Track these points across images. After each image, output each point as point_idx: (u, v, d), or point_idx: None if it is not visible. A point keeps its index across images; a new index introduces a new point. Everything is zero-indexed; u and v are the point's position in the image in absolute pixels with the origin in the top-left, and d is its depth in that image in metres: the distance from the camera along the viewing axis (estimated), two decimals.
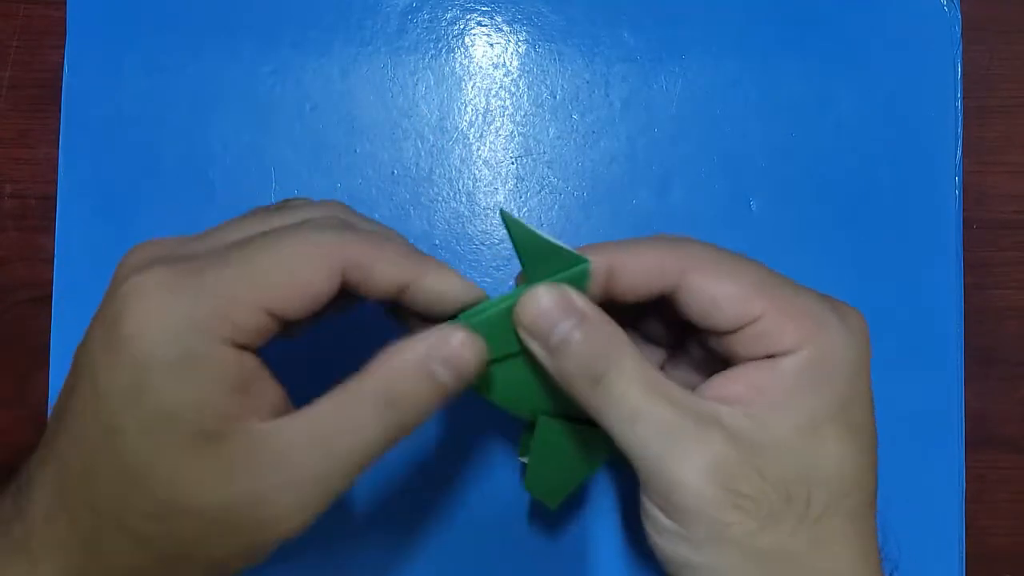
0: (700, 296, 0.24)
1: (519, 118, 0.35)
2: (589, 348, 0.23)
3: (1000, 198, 0.36)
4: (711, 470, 0.22)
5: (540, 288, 0.24)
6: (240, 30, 0.35)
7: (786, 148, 0.35)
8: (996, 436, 0.36)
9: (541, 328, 0.24)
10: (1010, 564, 0.36)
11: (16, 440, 0.35)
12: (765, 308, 0.23)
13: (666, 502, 0.22)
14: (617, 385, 0.23)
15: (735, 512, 0.22)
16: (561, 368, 0.24)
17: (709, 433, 0.22)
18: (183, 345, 0.21)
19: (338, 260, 0.22)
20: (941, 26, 0.36)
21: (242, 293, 0.21)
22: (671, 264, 0.24)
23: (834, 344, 0.23)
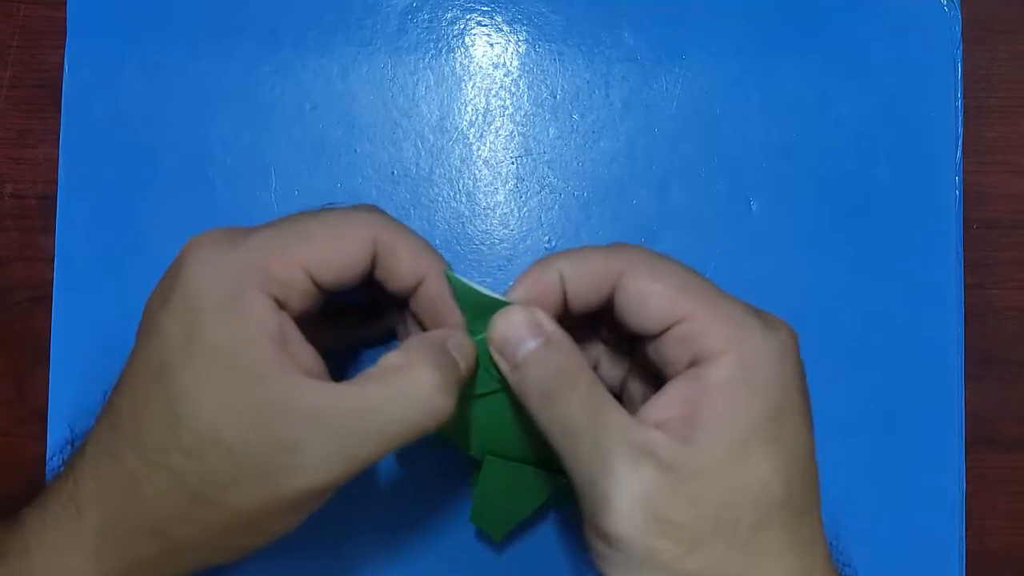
0: (632, 296, 0.25)
1: (519, 118, 0.35)
2: (548, 366, 0.24)
3: (1000, 198, 0.36)
4: (641, 499, 0.22)
5: (514, 308, 0.25)
6: (240, 30, 0.35)
7: (786, 148, 0.35)
8: (996, 436, 0.36)
9: (509, 343, 0.25)
10: (1010, 564, 0.36)
11: (16, 440, 0.35)
12: (692, 309, 0.24)
13: (599, 528, 0.23)
14: (567, 403, 0.24)
15: (662, 539, 0.22)
16: (520, 383, 0.25)
17: (643, 461, 0.23)
18: (226, 291, 0.23)
19: (370, 234, 0.25)
20: (941, 26, 0.36)
21: (282, 249, 0.24)
22: (610, 268, 0.25)
23: (759, 350, 0.23)
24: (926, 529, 0.34)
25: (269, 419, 0.22)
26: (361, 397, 0.23)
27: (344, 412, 0.23)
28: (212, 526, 0.23)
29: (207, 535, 0.23)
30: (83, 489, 0.24)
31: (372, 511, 0.33)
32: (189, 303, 0.23)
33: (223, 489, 0.22)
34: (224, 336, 0.22)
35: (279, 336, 0.23)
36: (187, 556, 0.24)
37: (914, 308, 0.35)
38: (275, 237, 0.24)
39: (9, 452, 0.35)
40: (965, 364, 0.35)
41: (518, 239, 0.35)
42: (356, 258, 0.25)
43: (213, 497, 0.23)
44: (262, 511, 0.23)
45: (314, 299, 0.25)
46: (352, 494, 0.33)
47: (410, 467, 0.34)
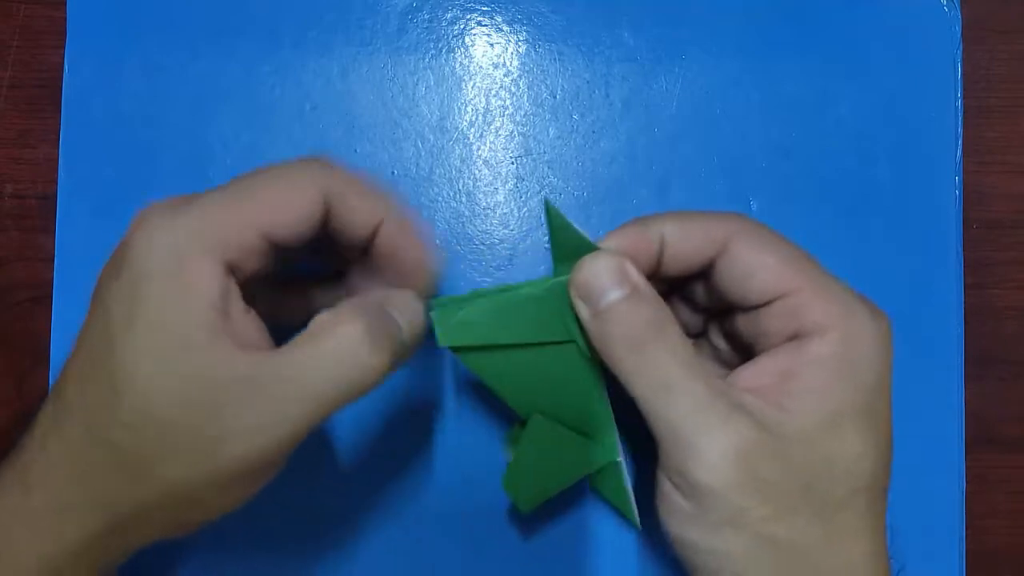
0: (739, 265, 0.24)
1: (519, 118, 0.35)
2: (637, 317, 0.24)
3: (1000, 198, 0.36)
4: (736, 452, 0.22)
5: (601, 253, 0.24)
6: (240, 30, 0.35)
7: (786, 148, 0.35)
8: (996, 436, 0.36)
9: (594, 289, 0.24)
10: (1010, 564, 0.36)
11: (16, 440, 0.35)
12: (800, 284, 0.24)
13: (684, 480, 0.23)
14: (658, 355, 0.23)
15: (754, 497, 0.22)
16: (604, 332, 0.24)
17: (738, 416, 0.22)
18: (173, 258, 0.22)
19: (320, 184, 0.24)
20: (941, 26, 0.36)
21: (232, 210, 0.23)
22: (717, 233, 0.25)
23: (862, 332, 0.24)
24: (926, 529, 0.34)
25: (200, 392, 0.22)
26: (290, 360, 0.23)
27: (273, 377, 0.22)
28: (152, 501, 0.23)
29: (150, 511, 0.23)
30: (30, 467, 0.24)
31: (364, 503, 0.34)
32: (134, 272, 0.23)
33: (158, 464, 0.22)
34: (165, 305, 0.22)
35: (220, 305, 0.23)
36: (136, 532, 0.24)
37: (914, 308, 0.35)
38: (223, 199, 0.23)
39: (9, 452, 0.35)
40: (965, 364, 0.35)
41: (518, 239, 0.35)
42: (308, 210, 0.24)
43: (149, 472, 0.22)
44: (200, 484, 0.22)
45: (268, 258, 0.24)
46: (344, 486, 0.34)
47: (395, 459, 0.34)
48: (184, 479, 0.22)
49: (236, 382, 0.22)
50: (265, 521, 0.33)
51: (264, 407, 0.22)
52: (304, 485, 0.33)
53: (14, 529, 0.23)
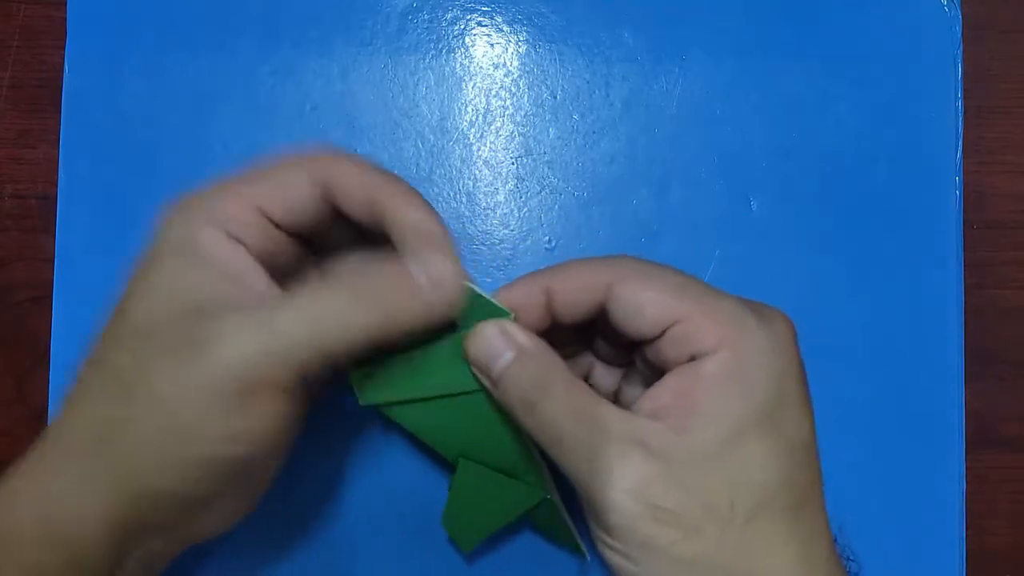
0: (626, 304, 0.25)
1: (519, 118, 0.35)
2: (524, 377, 0.25)
3: (1000, 198, 0.36)
4: (631, 488, 0.23)
5: (485, 324, 0.25)
6: (240, 30, 0.35)
7: (786, 148, 0.35)
8: (996, 436, 0.36)
9: (486, 358, 0.25)
10: (1010, 564, 0.36)
11: (16, 440, 0.35)
12: (687, 311, 0.24)
13: (598, 521, 0.24)
14: (549, 410, 0.24)
15: (656, 525, 0.23)
16: (502, 397, 0.25)
17: (630, 454, 0.23)
18: (181, 232, 0.25)
19: (317, 167, 0.26)
20: (941, 26, 0.36)
21: (232, 188, 0.25)
22: (599, 279, 0.25)
23: (754, 346, 0.24)
24: (926, 529, 0.34)
25: (200, 314, 0.23)
26: (290, 297, 0.24)
27: (268, 300, 0.24)
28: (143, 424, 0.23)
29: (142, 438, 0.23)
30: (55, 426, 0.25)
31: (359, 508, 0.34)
32: (151, 252, 0.25)
33: (149, 375, 0.23)
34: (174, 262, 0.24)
35: (227, 260, 0.24)
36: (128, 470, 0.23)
37: (914, 308, 0.35)
38: (226, 183, 0.26)
39: (9, 452, 0.34)
40: (965, 364, 0.35)
41: (518, 239, 0.35)
42: (305, 192, 0.25)
43: (141, 385, 0.23)
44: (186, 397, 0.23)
45: (276, 239, 0.26)
46: (340, 485, 0.34)
47: (395, 463, 0.34)
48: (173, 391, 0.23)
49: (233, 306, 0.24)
50: (261, 524, 0.33)
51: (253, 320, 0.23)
52: (295, 489, 0.33)
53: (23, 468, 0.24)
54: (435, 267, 0.25)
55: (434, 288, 0.25)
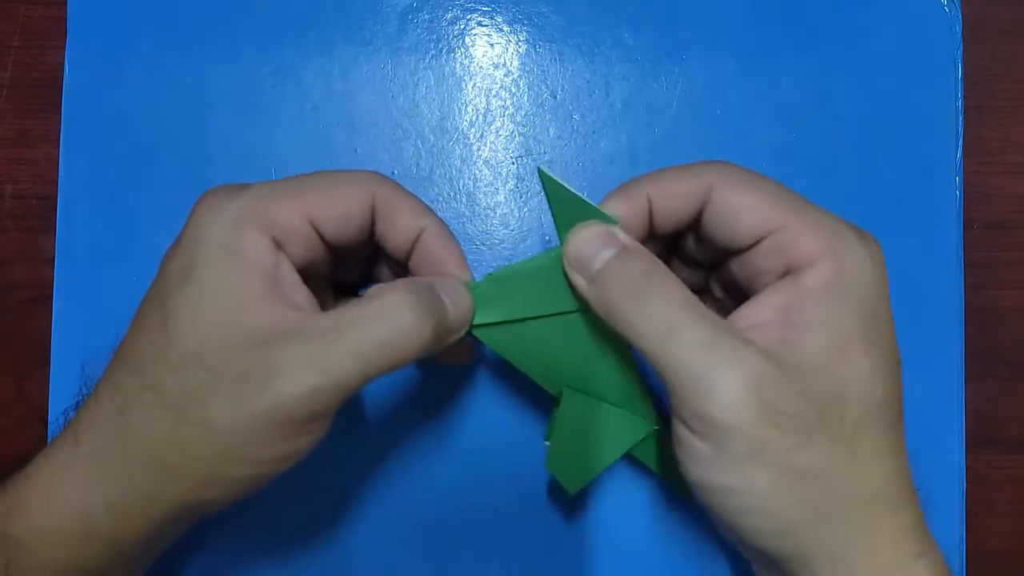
0: (724, 210, 0.25)
1: (519, 118, 0.35)
2: (630, 271, 0.24)
3: (1000, 198, 0.36)
4: (749, 386, 0.22)
5: (583, 226, 0.25)
6: (240, 30, 0.35)
7: (786, 148, 0.35)
8: (996, 436, 0.36)
9: (585, 257, 0.25)
10: (1010, 564, 0.36)
11: (16, 440, 0.35)
12: (785, 219, 0.24)
13: (701, 421, 0.22)
14: (658, 302, 0.23)
15: (772, 429, 0.22)
16: (602, 293, 0.24)
17: (746, 350, 0.22)
18: (228, 231, 0.24)
19: (369, 187, 0.26)
20: (941, 26, 0.36)
21: (284, 195, 0.25)
22: (700, 183, 0.25)
23: (853, 257, 0.24)
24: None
25: (250, 340, 0.23)
26: (337, 318, 0.24)
27: (320, 330, 0.23)
28: (193, 447, 0.23)
29: (193, 459, 0.23)
30: (81, 418, 0.25)
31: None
32: (191, 243, 0.24)
33: (202, 404, 0.23)
34: (218, 270, 0.24)
35: (272, 273, 0.24)
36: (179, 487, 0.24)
37: (914, 308, 0.35)
38: (278, 186, 0.25)
39: (9, 452, 0.35)
40: (965, 364, 0.35)
41: (518, 239, 0.35)
42: (356, 208, 0.25)
43: (194, 414, 0.23)
44: (242, 429, 0.23)
45: (316, 250, 0.25)
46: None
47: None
48: (229, 422, 0.23)
49: (283, 333, 0.23)
50: (269, 517, 0.33)
51: (309, 355, 0.23)
52: (321, 478, 0.33)
53: (62, 478, 0.24)
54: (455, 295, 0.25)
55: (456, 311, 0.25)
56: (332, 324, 0.23)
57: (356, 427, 0.34)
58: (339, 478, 0.33)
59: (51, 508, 0.24)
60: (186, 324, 0.23)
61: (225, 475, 0.24)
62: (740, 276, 0.26)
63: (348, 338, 0.23)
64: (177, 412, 0.23)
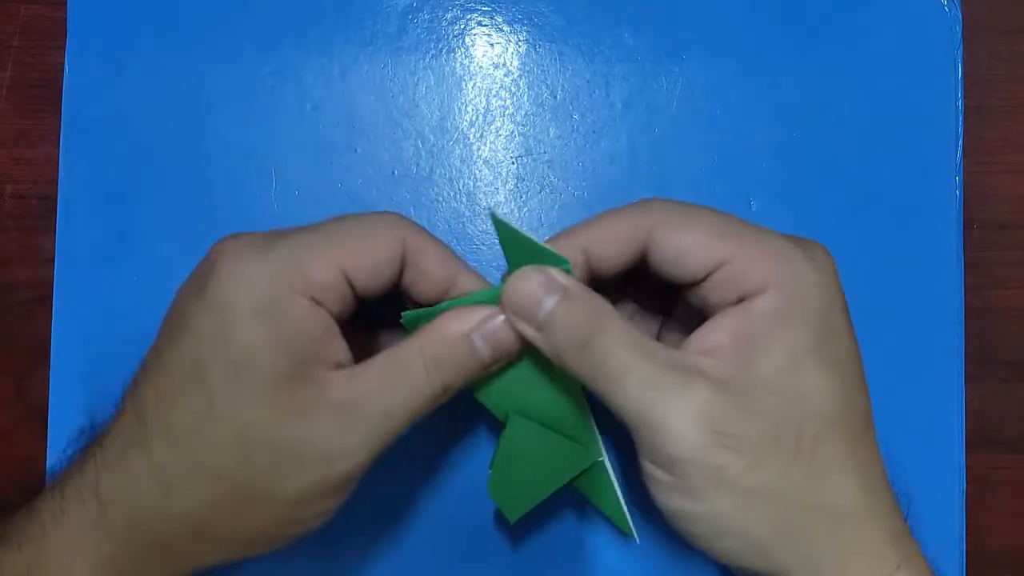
0: (668, 250, 0.25)
1: (519, 118, 0.35)
2: (574, 318, 0.24)
3: (1000, 198, 0.36)
4: (698, 417, 0.22)
5: (522, 273, 0.25)
6: (240, 30, 0.35)
7: (786, 148, 0.35)
8: (996, 436, 0.36)
9: (528, 307, 0.24)
10: (1010, 564, 0.36)
11: (16, 440, 0.35)
12: (731, 252, 0.24)
13: (659, 456, 0.23)
14: (603, 345, 0.24)
15: (726, 454, 0.22)
16: (550, 341, 0.24)
17: (693, 382, 0.23)
18: (264, 294, 0.23)
19: (400, 234, 0.25)
20: (941, 26, 0.36)
21: (318, 250, 0.24)
22: (638, 226, 0.25)
23: (802, 280, 0.24)
24: (926, 529, 0.34)
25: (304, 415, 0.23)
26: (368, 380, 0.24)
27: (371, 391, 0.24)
28: (249, 518, 0.24)
29: (241, 527, 0.24)
30: (108, 482, 0.24)
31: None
32: (223, 305, 0.23)
33: (267, 481, 0.23)
34: (257, 341, 0.23)
35: (313, 334, 0.24)
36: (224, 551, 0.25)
37: (914, 308, 0.35)
38: (310, 240, 0.25)
39: (9, 452, 0.35)
40: (965, 364, 0.35)
41: None
42: (388, 257, 0.25)
43: (257, 490, 0.23)
44: (303, 500, 0.24)
45: (348, 303, 0.25)
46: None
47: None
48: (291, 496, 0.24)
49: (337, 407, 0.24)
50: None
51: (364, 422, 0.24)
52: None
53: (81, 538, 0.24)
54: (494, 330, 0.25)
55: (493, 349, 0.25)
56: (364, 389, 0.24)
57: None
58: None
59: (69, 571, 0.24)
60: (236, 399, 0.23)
61: (275, 535, 0.25)
62: (696, 306, 0.26)
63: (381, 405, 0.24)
64: (238, 489, 0.23)
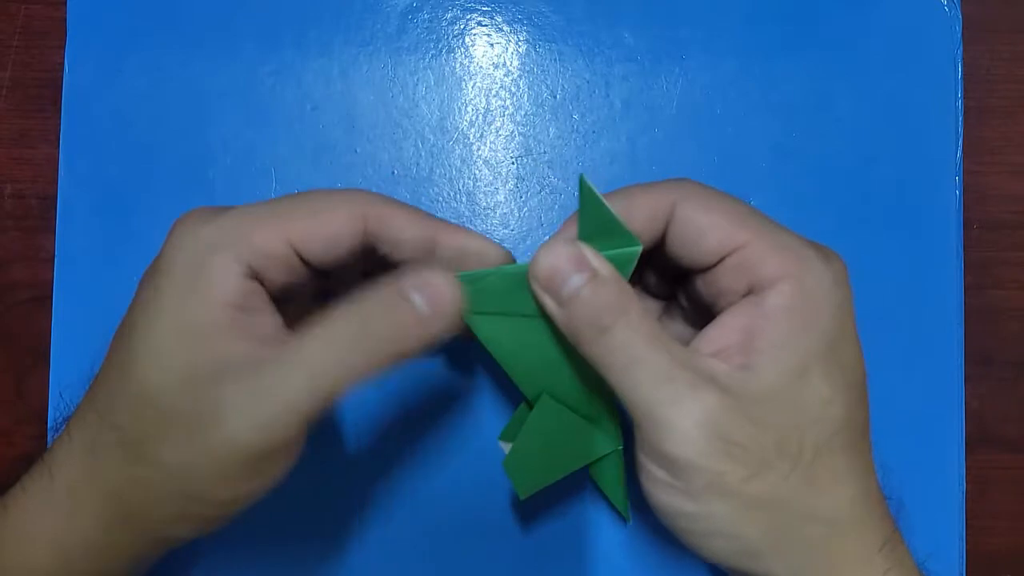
0: (688, 227, 0.24)
1: (519, 118, 0.35)
2: (598, 301, 0.24)
3: (1000, 198, 0.36)
4: (703, 421, 0.22)
5: (555, 244, 0.24)
6: (240, 30, 0.35)
7: (786, 148, 0.35)
8: (996, 436, 0.36)
9: (554, 282, 0.24)
10: (1010, 564, 0.36)
11: (16, 440, 0.35)
12: (748, 238, 0.24)
13: (659, 454, 0.23)
14: (622, 335, 0.23)
15: (728, 462, 0.22)
16: (570, 320, 0.24)
17: (703, 385, 0.23)
18: (199, 257, 0.23)
19: (358, 207, 0.25)
20: (941, 26, 0.36)
21: (264, 219, 0.24)
22: (663, 201, 0.25)
23: (815, 278, 0.24)
24: (926, 529, 0.34)
25: (202, 377, 0.22)
26: (289, 349, 0.23)
27: (270, 364, 0.22)
28: (152, 487, 0.23)
29: (152, 498, 0.23)
30: (56, 451, 0.24)
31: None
32: (160, 268, 0.24)
33: (157, 446, 0.23)
34: (179, 298, 0.23)
35: (236, 301, 0.23)
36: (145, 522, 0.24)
37: (914, 308, 0.35)
38: (258, 209, 0.24)
39: (9, 452, 0.35)
40: (965, 364, 0.35)
41: (518, 239, 0.35)
42: (345, 230, 0.24)
43: (147, 454, 0.23)
44: (199, 471, 0.22)
45: (298, 274, 0.25)
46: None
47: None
48: (183, 463, 0.22)
49: (238, 366, 0.22)
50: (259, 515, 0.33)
51: (262, 392, 0.22)
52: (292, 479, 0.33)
53: (35, 511, 0.24)
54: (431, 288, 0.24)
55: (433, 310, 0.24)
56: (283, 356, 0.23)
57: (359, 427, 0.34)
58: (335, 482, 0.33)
59: (30, 544, 0.24)
60: (144, 361, 0.23)
61: (189, 513, 0.24)
62: (705, 293, 0.26)
63: (299, 372, 0.22)
64: (134, 453, 0.23)
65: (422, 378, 0.34)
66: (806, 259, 0.24)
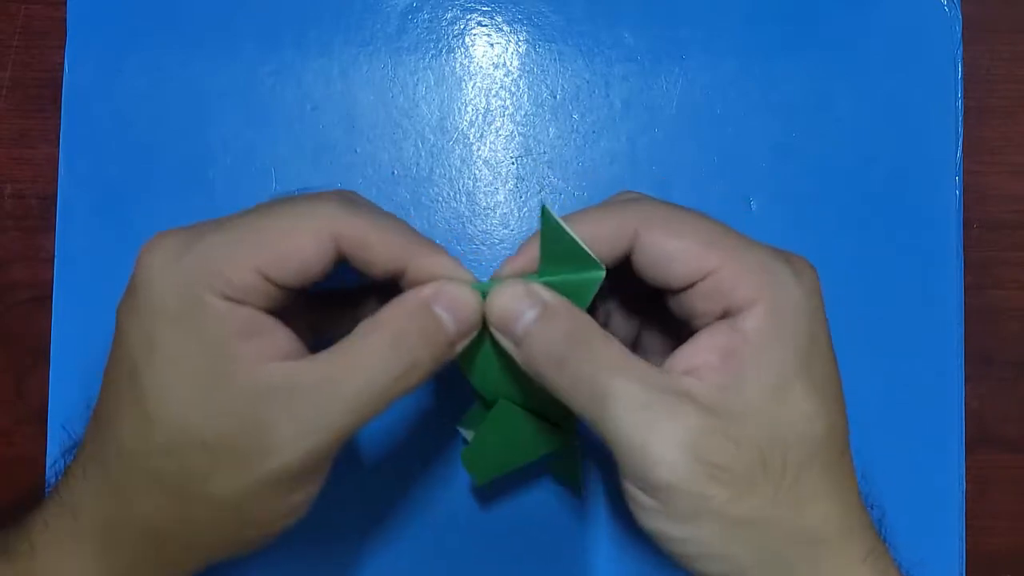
0: (655, 253, 0.24)
1: (519, 118, 0.35)
2: (551, 333, 0.23)
3: (1000, 198, 0.36)
4: (684, 444, 0.22)
5: (505, 285, 0.24)
6: (240, 30, 0.35)
7: (786, 148, 0.35)
8: (996, 436, 0.36)
9: (507, 322, 0.24)
10: (1010, 564, 0.36)
11: (16, 440, 0.35)
12: (719, 262, 0.23)
13: (643, 481, 0.22)
14: (585, 366, 0.23)
15: (711, 485, 0.22)
16: (528, 357, 0.24)
17: (681, 406, 0.22)
18: (184, 297, 0.23)
19: (330, 230, 0.24)
20: (941, 26, 0.36)
21: (234, 252, 0.23)
22: (623, 227, 0.24)
23: (789, 296, 0.23)
24: (926, 529, 0.34)
25: (238, 408, 0.22)
26: (326, 367, 0.23)
27: (309, 385, 0.22)
28: (200, 521, 0.23)
29: (198, 531, 0.23)
30: (76, 493, 0.24)
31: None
32: (146, 308, 0.23)
33: (202, 482, 0.22)
34: (182, 342, 0.23)
35: (243, 330, 0.23)
36: (186, 553, 0.24)
37: (914, 308, 0.35)
38: (227, 240, 0.23)
39: (9, 452, 0.35)
40: (965, 364, 0.35)
41: (518, 239, 0.35)
42: (315, 256, 0.24)
43: (194, 492, 0.23)
44: (246, 497, 0.23)
45: (277, 297, 0.24)
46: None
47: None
48: (230, 495, 0.23)
49: (272, 394, 0.22)
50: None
51: (301, 415, 0.22)
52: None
53: (69, 553, 0.24)
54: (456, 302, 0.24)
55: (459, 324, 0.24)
56: (322, 376, 0.23)
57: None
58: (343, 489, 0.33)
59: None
60: (165, 403, 0.23)
61: (235, 539, 0.24)
62: (678, 313, 0.25)
63: (339, 393, 0.22)
64: (175, 491, 0.23)
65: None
66: (778, 278, 0.23)
